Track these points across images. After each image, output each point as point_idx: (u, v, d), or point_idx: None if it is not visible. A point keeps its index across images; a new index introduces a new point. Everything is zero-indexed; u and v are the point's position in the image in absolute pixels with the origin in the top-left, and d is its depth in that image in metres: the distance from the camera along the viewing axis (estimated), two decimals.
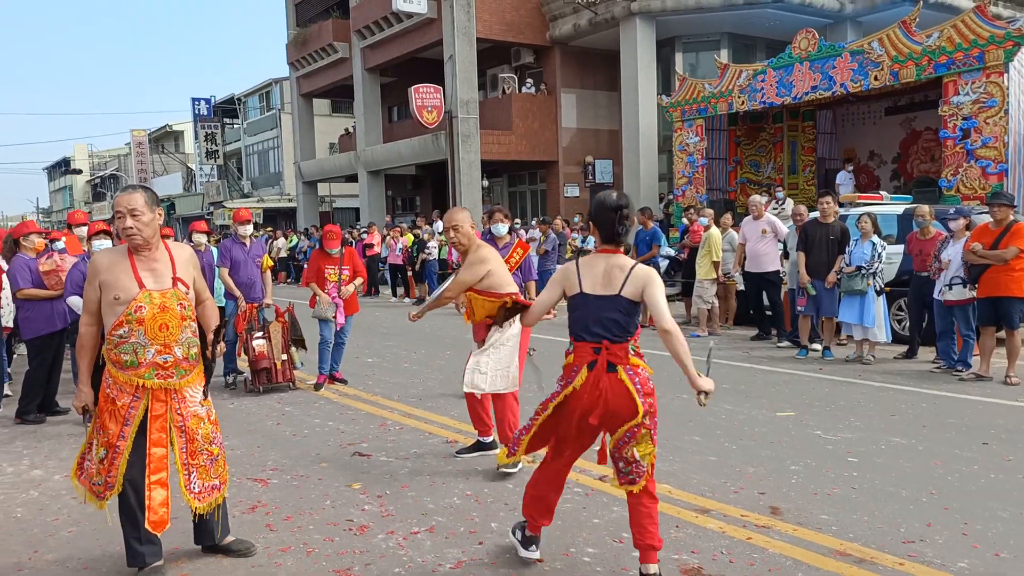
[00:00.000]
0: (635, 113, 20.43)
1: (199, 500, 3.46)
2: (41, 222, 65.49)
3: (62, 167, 68.69)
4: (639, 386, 3.17)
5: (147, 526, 3.33)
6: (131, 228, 3.30)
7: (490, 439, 5.20)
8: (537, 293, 5.72)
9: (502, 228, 6.09)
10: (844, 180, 15.46)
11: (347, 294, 7.49)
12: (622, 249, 3.30)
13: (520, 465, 4.98)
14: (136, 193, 3.37)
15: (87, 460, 3.44)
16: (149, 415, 3.33)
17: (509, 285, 4.85)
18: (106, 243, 6.36)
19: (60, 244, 7.23)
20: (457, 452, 5.24)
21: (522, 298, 3.27)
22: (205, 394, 3.51)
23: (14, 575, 3.57)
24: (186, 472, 3.41)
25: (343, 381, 7.71)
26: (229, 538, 3.68)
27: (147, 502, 3.33)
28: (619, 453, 3.22)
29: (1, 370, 7.07)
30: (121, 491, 3.33)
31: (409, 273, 16.92)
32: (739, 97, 15.64)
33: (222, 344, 3.74)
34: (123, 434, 3.30)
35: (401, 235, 17.68)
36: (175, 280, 3.41)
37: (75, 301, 6.37)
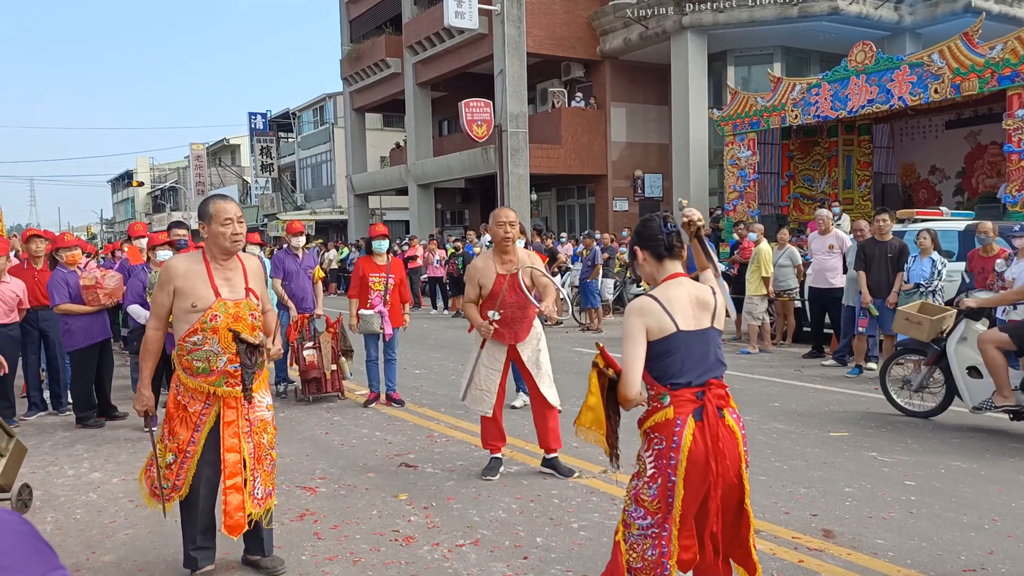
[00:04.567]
0: (686, 127, 20.27)
1: (258, 505, 3.51)
2: (104, 232, 67.88)
3: (125, 180, 71.12)
4: (744, 432, 2.65)
5: (223, 531, 3.41)
6: (240, 234, 3.43)
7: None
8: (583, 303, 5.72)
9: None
10: None
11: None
12: (683, 263, 2.80)
13: (577, 472, 4.98)
14: (234, 202, 3.51)
15: (152, 464, 3.52)
16: (222, 421, 3.41)
17: None
18: (168, 253, 6.53)
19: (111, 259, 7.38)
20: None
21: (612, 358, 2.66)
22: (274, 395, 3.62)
23: None
24: (252, 477, 3.47)
25: (400, 402, 7.30)
26: (261, 555, 3.66)
27: (224, 507, 3.39)
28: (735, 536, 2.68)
29: (64, 378, 7.32)
30: (187, 496, 3.40)
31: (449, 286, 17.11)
32: (792, 111, 15.41)
33: (277, 348, 3.82)
34: (194, 439, 3.39)
35: (438, 247, 17.90)
36: (247, 291, 3.51)
37: (135, 310, 6.56)
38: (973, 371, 5.97)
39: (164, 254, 6.47)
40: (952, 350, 6.11)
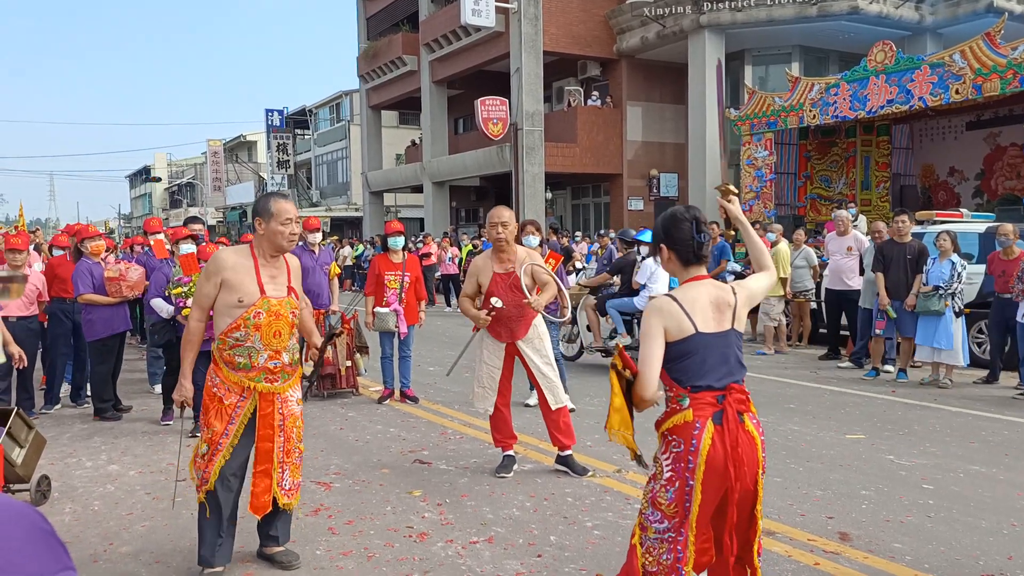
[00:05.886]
0: (702, 126, 20.18)
1: (287, 496, 3.58)
2: (122, 227, 68.49)
3: (143, 175, 71.72)
4: (763, 438, 2.59)
5: (248, 510, 3.52)
6: (296, 235, 3.50)
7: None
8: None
9: (533, 240, 6.27)
10: None
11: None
12: (706, 269, 2.73)
13: (591, 471, 4.97)
14: (293, 202, 3.57)
15: (198, 455, 3.55)
16: (258, 414, 3.48)
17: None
18: (191, 247, 6.60)
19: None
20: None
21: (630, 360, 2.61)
22: (305, 396, 3.69)
23: (90, 566, 3.71)
24: (280, 469, 3.53)
25: (414, 399, 7.33)
26: (276, 548, 3.69)
27: (252, 488, 3.51)
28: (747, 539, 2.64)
29: (84, 373, 7.39)
30: (211, 490, 3.44)
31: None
32: (811, 111, 15.29)
33: (315, 351, 3.93)
34: (227, 432, 3.44)
35: (451, 245, 17.97)
36: (289, 289, 3.56)
37: (158, 303, 6.62)
38: (588, 328, 9.15)
39: (187, 248, 6.55)
40: (579, 313, 9.29)
